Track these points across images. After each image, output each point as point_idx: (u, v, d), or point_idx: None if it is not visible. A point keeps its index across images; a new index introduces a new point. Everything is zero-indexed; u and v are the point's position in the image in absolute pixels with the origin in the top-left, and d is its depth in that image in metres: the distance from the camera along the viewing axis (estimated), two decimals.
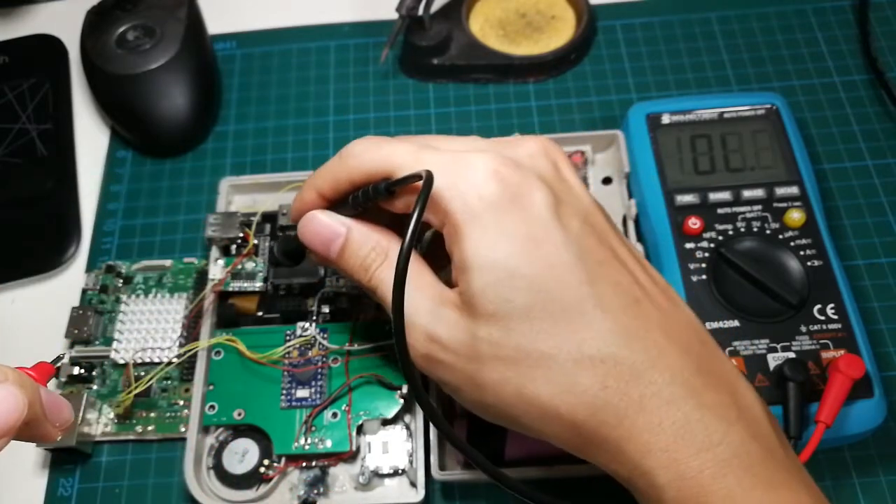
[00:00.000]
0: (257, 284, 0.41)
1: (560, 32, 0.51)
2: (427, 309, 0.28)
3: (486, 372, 0.27)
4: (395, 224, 0.32)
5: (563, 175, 0.30)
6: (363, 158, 0.30)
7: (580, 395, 0.26)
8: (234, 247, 0.42)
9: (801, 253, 0.39)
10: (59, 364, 0.35)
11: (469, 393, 0.28)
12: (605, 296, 0.27)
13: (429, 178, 0.27)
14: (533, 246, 0.27)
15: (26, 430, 0.26)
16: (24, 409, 0.24)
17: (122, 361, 0.40)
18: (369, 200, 0.30)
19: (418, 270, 0.30)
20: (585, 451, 0.28)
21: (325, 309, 0.41)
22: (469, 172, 0.28)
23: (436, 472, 0.35)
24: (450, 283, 0.29)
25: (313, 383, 0.38)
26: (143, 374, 0.40)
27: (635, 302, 0.27)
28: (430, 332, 0.28)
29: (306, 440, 0.37)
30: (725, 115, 0.43)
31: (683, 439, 0.25)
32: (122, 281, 0.43)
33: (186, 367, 0.40)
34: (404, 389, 0.37)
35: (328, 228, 0.31)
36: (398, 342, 0.27)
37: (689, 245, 0.39)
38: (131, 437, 0.39)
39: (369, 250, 0.31)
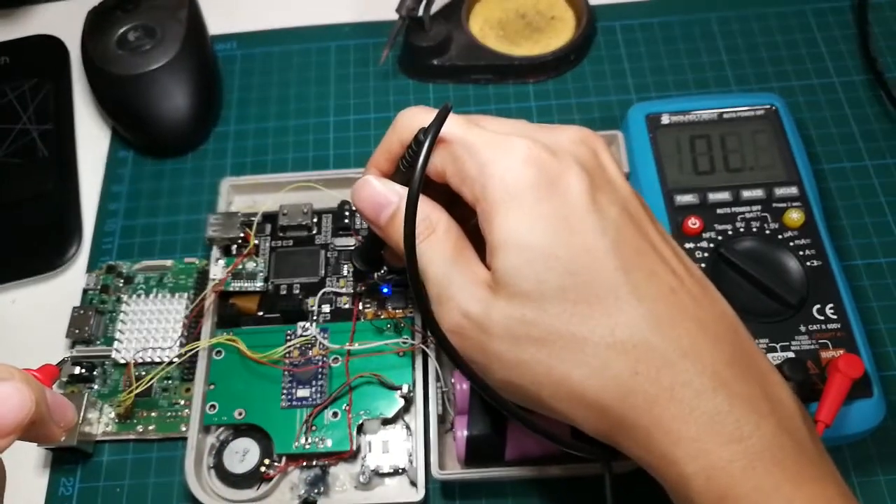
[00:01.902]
0: (258, 284, 0.41)
1: (560, 33, 0.51)
2: (462, 284, 0.29)
3: (517, 352, 0.27)
4: (452, 207, 0.31)
5: (603, 163, 0.30)
6: (414, 122, 0.31)
7: (610, 379, 0.26)
8: (234, 247, 0.42)
9: (801, 253, 0.39)
10: (63, 366, 0.35)
11: (498, 371, 0.28)
12: (640, 283, 0.27)
13: (445, 108, 0.28)
14: (569, 230, 0.27)
15: (32, 430, 0.26)
16: (32, 407, 0.25)
17: (122, 361, 0.40)
18: (413, 155, 0.30)
19: (460, 247, 0.30)
20: (612, 436, 0.27)
21: (326, 309, 0.41)
22: (508, 154, 0.28)
23: (436, 472, 0.36)
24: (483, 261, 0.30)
25: (314, 383, 0.38)
26: (143, 373, 0.40)
27: (671, 291, 0.27)
28: (464, 308, 0.28)
29: (307, 440, 0.37)
30: (725, 116, 0.43)
31: (713, 430, 0.25)
32: (122, 281, 0.43)
33: (187, 367, 0.40)
34: (404, 389, 0.37)
35: (381, 195, 0.31)
36: (416, 294, 0.29)
37: (688, 245, 0.39)
38: (132, 436, 0.39)
39: (419, 221, 0.30)
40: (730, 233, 0.40)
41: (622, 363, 0.26)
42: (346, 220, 0.43)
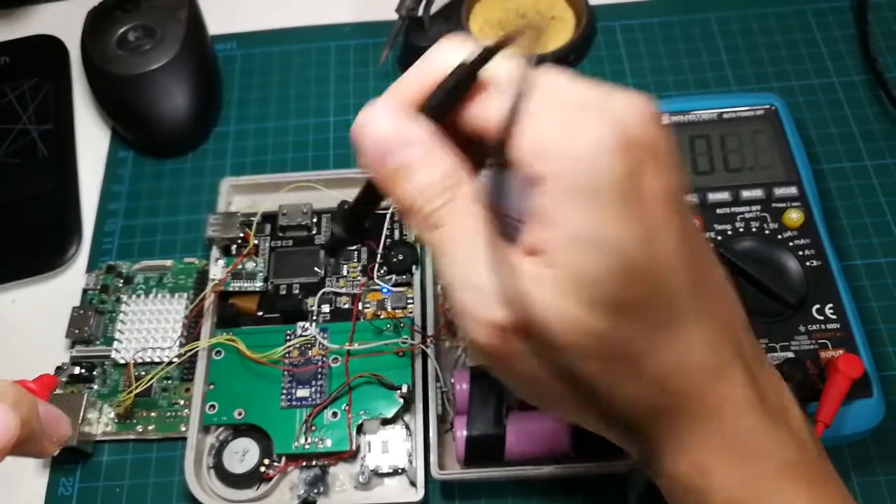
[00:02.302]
0: (258, 284, 0.41)
1: (560, 33, 0.51)
2: (508, 279, 0.23)
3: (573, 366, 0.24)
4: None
5: (669, 145, 0.25)
6: (453, 57, 0.24)
7: (662, 397, 0.25)
8: (234, 247, 0.42)
9: (800, 253, 0.39)
10: (61, 374, 0.35)
11: (527, 364, 0.24)
12: (699, 298, 0.25)
13: (536, 26, 0.22)
14: (649, 238, 0.23)
15: (24, 447, 0.25)
16: (16, 432, 0.24)
17: (122, 361, 0.40)
18: (452, 96, 0.24)
19: (492, 241, 0.24)
20: (642, 447, 0.26)
21: (325, 309, 0.41)
22: (596, 135, 0.22)
23: (435, 472, 0.36)
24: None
25: (313, 383, 0.38)
26: (143, 373, 0.40)
27: (719, 300, 0.26)
28: (518, 311, 0.23)
29: (306, 439, 0.37)
30: (724, 116, 0.43)
31: (747, 446, 0.25)
32: (122, 281, 0.43)
33: (187, 367, 0.40)
34: (404, 389, 0.37)
35: (391, 134, 0.24)
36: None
37: None
38: (132, 436, 0.39)
39: (441, 177, 0.24)
40: (729, 233, 0.40)
41: (676, 382, 0.25)
42: None
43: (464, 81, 0.23)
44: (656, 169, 0.24)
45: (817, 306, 0.38)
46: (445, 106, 0.23)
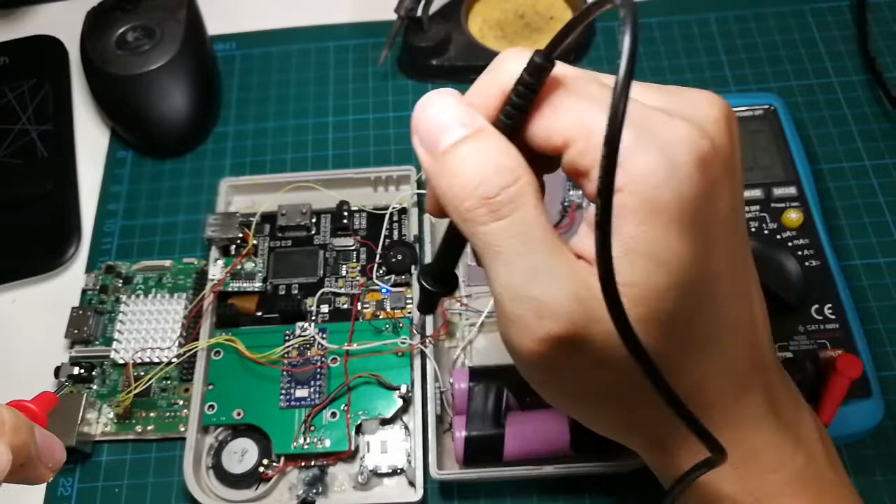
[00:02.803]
0: (257, 284, 0.41)
1: None
2: (565, 285, 0.22)
3: (618, 382, 0.24)
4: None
5: (737, 158, 0.24)
6: (520, 64, 0.23)
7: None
8: (233, 247, 0.42)
9: (799, 253, 0.39)
10: (61, 392, 0.35)
11: (583, 398, 0.25)
12: (737, 318, 0.25)
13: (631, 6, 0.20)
14: (706, 255, 0.22)
15: (20, 472, 0.26)
16: (7, 466, 0.24)
17: (121, 361, 0.40)
18: (531, 91, 0.22)
19: (556, 246, 0.22)
20: (656, 458, 0.27)
21: (324, 309, 0.41)
22: (675, 147, 0.21)
23: (434, 472, 0.36)
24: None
25: (312, 383, 0.38)
26: (142, 373, 0.40)
27: (753, 321, 0.26)
28: (575, 319, 0.22)
29: (305, 440, 0.37)
30: None
31: (757, 459, 0.25)
32: (121, 281, 0.43)
33: (186, 367, 0.40)
34: (403, 389, 0.37)
35: (454, 109, 0.23)
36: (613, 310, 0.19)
37: None
38: (131, 436, 0.39)
39: (505, 170, 0.22)
40: None
41: (700, 397, 0.24)
42: (345, 221, 0.43)
43: (536, 84, 0.22)
44: (731, 184, 0.22)
45: (816, 306, 0.38)
46: (520, 116, 0.22)
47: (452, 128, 0.22)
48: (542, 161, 0.24)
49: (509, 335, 0.23)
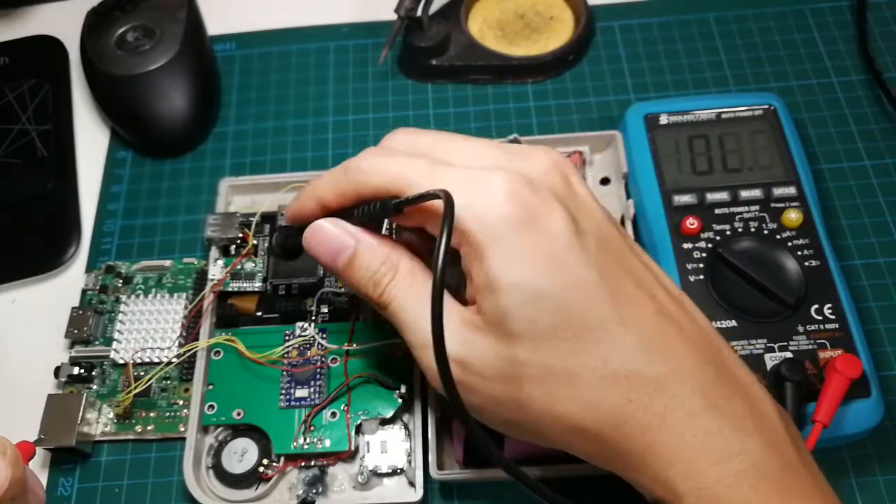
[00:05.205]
0: (256, 284, 0.41)
1: (558, 33, 0.51)
2: (449, 332, 0.27)
3: (513, 391, 0.27)
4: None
5: (575, 190, 0.30)
6: (372, 175, 0.30)
7: (606, 410, 0.27)
8: (233, 247, 0.42)
9: (799, 253, 0.39)
10: (39, 445, 0.36)
11: (494, 412, 0.29)
12: (626, 312, 0.27)
13: (449, 200, 0.26)
14: (556, 267, 0.27)
15: None
16: (6, 482, 0.27)
17: (121, 361, 0.40)
18: (378, 217, 0.30)
19: (428, 285, 0.28)
20: (609, 462, 0.28)
21: (324, 309, 0.41)
22: (486, 193, 0.27)
23: (434, 472, 0.36)
24: (463, 301, 0.29)
25: (312, 383, 0.38)
26: (142, 373, 0.40)
27: (655, 314, 0.28)
28: (454, 355, 0.27)
29: (305, 440, 0.37)
30: (723, 116, 0.44)
31: (703, 451, 0.26)
32: (121, 281, 0.43)
33: (186, 367, 0.40)
34: (403, 389, 0.37)
35: (336, 239, 0.31)
36: (443, 374, 0.25)
37: (686, 245, 0.39)
38: (131, 436, 0.39)
39: (379, 265, 0.30)
40: (728, 233, 0.40)
41: (616, 393, 0.27)
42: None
43: (384, 215, 0.29)
44: (559, 210, 0.27)
45: (816, 306, 0.38)
46: (375, 219, 0.29)
47: (340, 252, 0.31)
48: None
49: (421, 361, 0.30)
